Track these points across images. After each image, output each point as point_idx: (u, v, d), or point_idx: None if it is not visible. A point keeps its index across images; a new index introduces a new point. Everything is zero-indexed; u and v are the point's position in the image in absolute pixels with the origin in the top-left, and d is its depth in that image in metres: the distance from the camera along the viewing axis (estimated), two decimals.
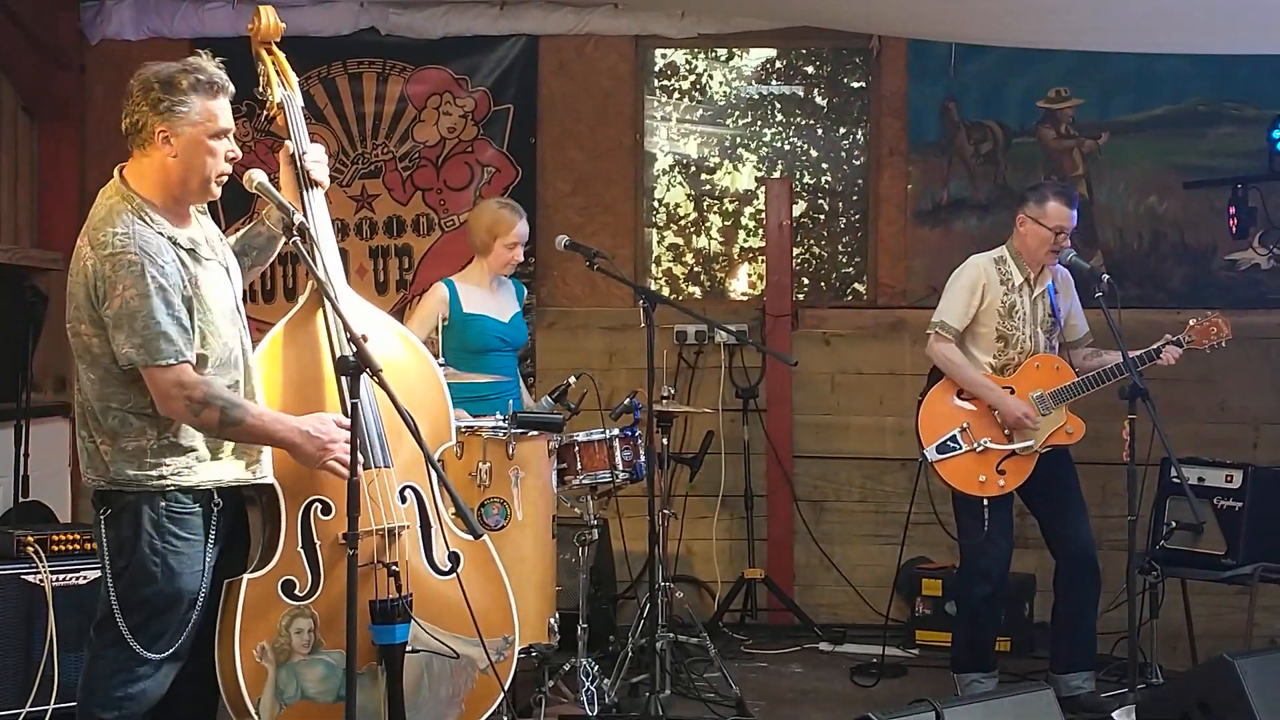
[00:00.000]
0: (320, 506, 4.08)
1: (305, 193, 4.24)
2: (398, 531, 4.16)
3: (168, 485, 3.76)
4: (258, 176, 4.01)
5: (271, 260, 4.30)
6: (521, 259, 5.98)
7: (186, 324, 3.74)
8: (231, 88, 3.87)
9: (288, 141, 4.30)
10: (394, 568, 4.09)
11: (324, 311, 4.17)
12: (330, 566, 4.06)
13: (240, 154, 3.93)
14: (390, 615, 4.07)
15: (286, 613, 4.03)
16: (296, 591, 4.04)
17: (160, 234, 3.75)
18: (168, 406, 3.71)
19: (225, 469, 3.87)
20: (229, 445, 3.87)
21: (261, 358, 4.08)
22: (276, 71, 4.40)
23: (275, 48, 4.44)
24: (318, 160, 4.27)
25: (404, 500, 4.23)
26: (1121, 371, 5.62)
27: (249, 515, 4.12)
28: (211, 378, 3.79)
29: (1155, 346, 5.71)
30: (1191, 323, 5.74)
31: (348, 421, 3.89)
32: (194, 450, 3.80)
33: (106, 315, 3.69)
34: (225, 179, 3.89)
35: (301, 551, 4.07)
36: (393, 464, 4.18)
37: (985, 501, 5.68)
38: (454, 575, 4.24)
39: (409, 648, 4.11)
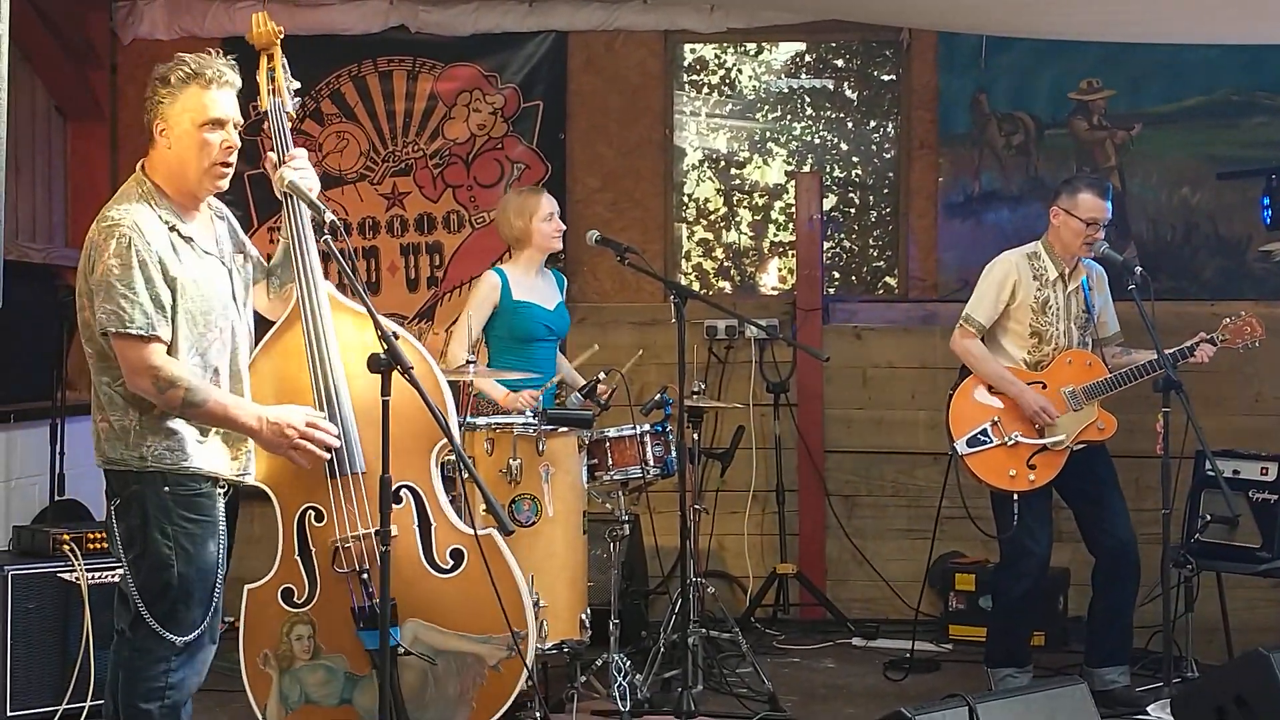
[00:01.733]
0: (313, 514, 4.13)
1: (287, 199, 4.23)
2: (373, 537, 4.15)
3: (149, 468, 3.77)
4: (289, 176, 4.05)
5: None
6: (564, 227, 6.04)
7: (165, 304, 3.75)
8: (232, 79, 3.90)
9: (271, 153, 4.31)
10: (364, 574, 4.10)
11: (304, 321, 4.19)
12: (326, 572, 4.10)
13: (238, 144, 3.93)
14: (370, 620, 4.09)
15: (287, 620, 4.09)
16: (295, 599, 4.11)
17: (160, 218, 3.81)
18: (134, 381, 3.74)
19: (212, 458, 3.88)
20: (214, 432, 3.89)
21: (249, 368, 4.11)
22: (270, 79, 4.43)
23: (278, 52, 4.46)
24: (300, 167, 4.24)
25: (400, 500, 4.23)
26: (1153, 368, 5.59)
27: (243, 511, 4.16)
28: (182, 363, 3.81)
29: (1189, 344, 5.68)
30: (1226, 321, 5.71)
31: (316, 414, 3.97)
32: (176, 434, 3.80)
33: (91, 283, 3.75)
34: (228, 170, 3.90)
35: (299, 559, 4.12)
36: (363, 468, 4.18)
37: (1016, 496, 5.66)
38: (457, 573, 4.23)
39: (402, 650, 4.12)
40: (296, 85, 4.49)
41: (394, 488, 4.18)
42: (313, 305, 4.21)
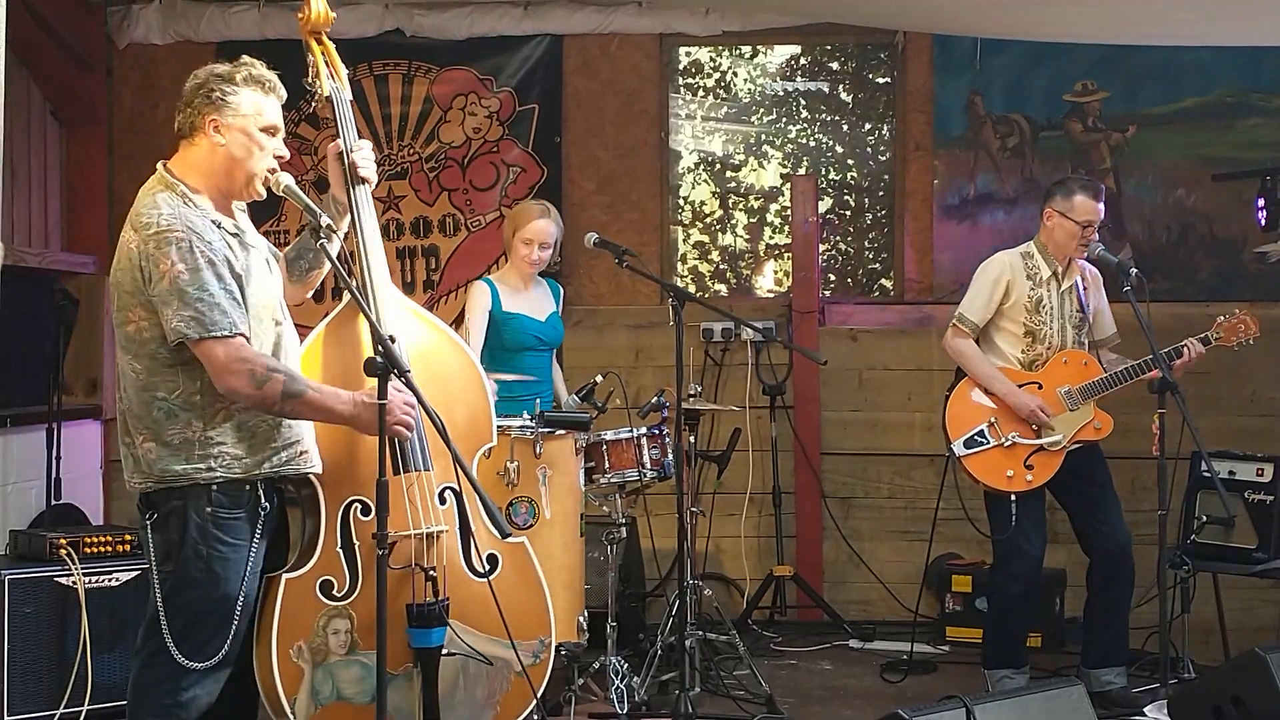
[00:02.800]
0: (360, 507, 4.09)
1: (352, 189, 4.24)
2: (436, 535, 4.17)
3: (217, 478, 3.74)
4: (285, 180, 3.99)
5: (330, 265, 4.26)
6: (539, 261, 5.92)
7: (238, 298, 3.74)
8: (283, 92, 3.91)
9: (337, 139, 4.29)
10: (431, 572, 4.09)
11: (368, 315, 4.16)
12: (369, 568, 4.04)
13: (288, 154, 3.95)
14: (427, 619, 4.07)
15: (324, 613, 4.04)
16: (334, 592, 4.05)
17: (204, 216, 3.77)
18: (229, 381, 3.68)
19: (278, 460, 3.86)
20: (275, 439, 3.85)
21: (303, 357, 4.10)
22: (326, 63, 4.35)
23: (326, 38, 4.39)
24: (365, 157, 4.27)
25: (444, 502, 4.23)
26: (1149, 367, 5.59)
27: (289, 514, 4.13)
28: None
29: (1177, 346, 5.65)
30: (1220, 319, 5.70)
31: (406, 393, 3.89)
32: (240, 445, 3.78)
33: (154, 293, 3.68)
34: (268, 178, 3.90)
35: (340, 552, 4.08)
36: (433, 467, 4.17)
37: (1013, 497, 5.66)
38: (489, 578, 4.23)
39: (445, 651, 4.12)
40: (345, 71, 4.43)
41: (438, 489, 4.21)
42: (377, 298, 4.17)
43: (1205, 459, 5.49)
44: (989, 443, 5.72)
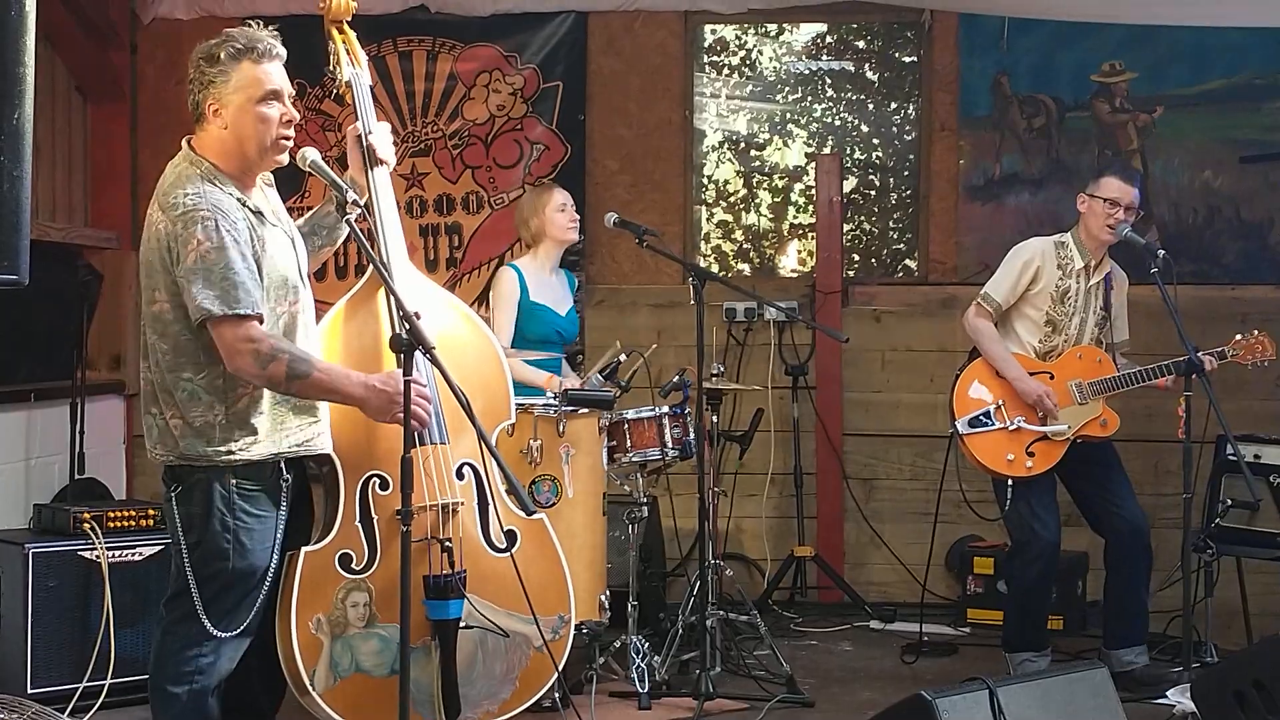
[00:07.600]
0: (379, 481, 4.13)
1: (370, 171, 4.29)
2: (453, 507, 4.19)
3: (236, 461, 3.77)
4: (310, 155, 4.02)
5: (342, 240, 4.32)
6: (577, 219, 6.01)
7: (259, 279, 3.76)
8: (280, 51, 3.87)
9: (357, 123, 4.34)
10: (448, 543, 4.12)
11: (384, 289, 4.20)
12: (387, 541, 4.10)
13: (297, 116, 3.93)
14: (444, 591, 4.11)
15: (343, 586, 4.07)
16: (353, 565, 4.10)
17: (230, 195, 3.79)
18: (235, 361, 3.71)
19: (289, 439, 3.89)
20: (293, 420, 3.89)
21: (322, 334, 4.12)
22: (346, 50, 4.44)
23: (346, 26, 4.48)
24: (383, 139, 4.32)
25: (461, 477, 4.26)
26: (1162, 373, 5.61)
27: (312, 490, 4.16)
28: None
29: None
30: (1238, 337, 5.68)
31: (418, 377, 3.90)
32: (260, 428, 3.81)
33: (180, 272, 3.69)
34: (288, 142, 3.89)
35: (359, 526, 4.12)
36: (449, 440, 4.21)
37: (1010, 481, 5.65)
38: (509, 553, 4.26)
39: (462, 624, 4.14)
40: (365, 58, 4.50)
41: (456, 465, 4.24)
42: (394, 273, 4.21)
43: (1231, 442, 5.48)
44: (993, 425, 5.71)
